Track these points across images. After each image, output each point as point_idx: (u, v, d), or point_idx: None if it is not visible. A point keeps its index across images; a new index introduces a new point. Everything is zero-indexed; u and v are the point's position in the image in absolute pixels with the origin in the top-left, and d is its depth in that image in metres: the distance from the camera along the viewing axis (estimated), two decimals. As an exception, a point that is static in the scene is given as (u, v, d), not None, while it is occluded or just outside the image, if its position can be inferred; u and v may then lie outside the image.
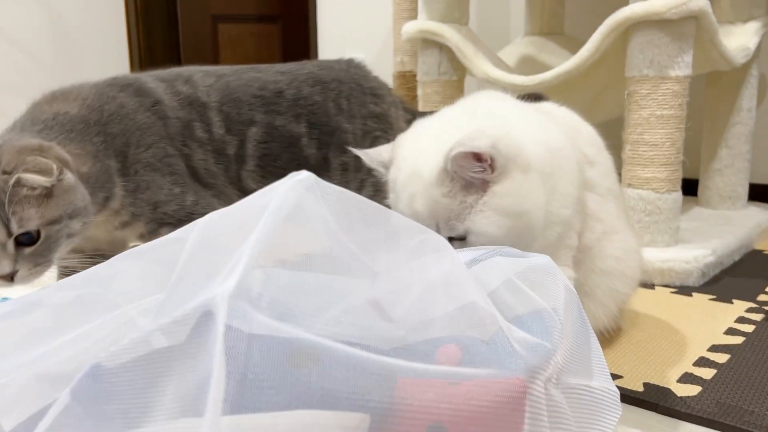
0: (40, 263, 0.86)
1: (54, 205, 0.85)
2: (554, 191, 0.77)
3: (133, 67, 3.32)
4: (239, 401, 0.41)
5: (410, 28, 1.76)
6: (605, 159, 0.93)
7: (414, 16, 1.86)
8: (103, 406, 0.43)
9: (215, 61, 3.55)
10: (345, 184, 1.28)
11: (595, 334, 0.61)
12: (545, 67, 1.65)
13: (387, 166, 0.84)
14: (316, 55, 3.10)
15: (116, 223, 1.05)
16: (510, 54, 2.01)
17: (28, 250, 0.84)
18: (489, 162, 0.72)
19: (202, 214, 1.10)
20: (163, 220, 1.07)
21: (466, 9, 1.76)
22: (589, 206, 0.86)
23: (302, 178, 0.48)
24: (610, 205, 0.91)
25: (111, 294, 0.54)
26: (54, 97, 1.04)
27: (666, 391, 0.84)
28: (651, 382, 0.87)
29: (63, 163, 0.88)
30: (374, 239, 0.50)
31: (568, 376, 0.53)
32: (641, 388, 0.85)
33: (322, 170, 1.26)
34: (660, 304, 1.19)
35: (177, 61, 3.43)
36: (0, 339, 0.56)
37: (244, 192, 1.21)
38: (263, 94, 1.23)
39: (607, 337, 0.95)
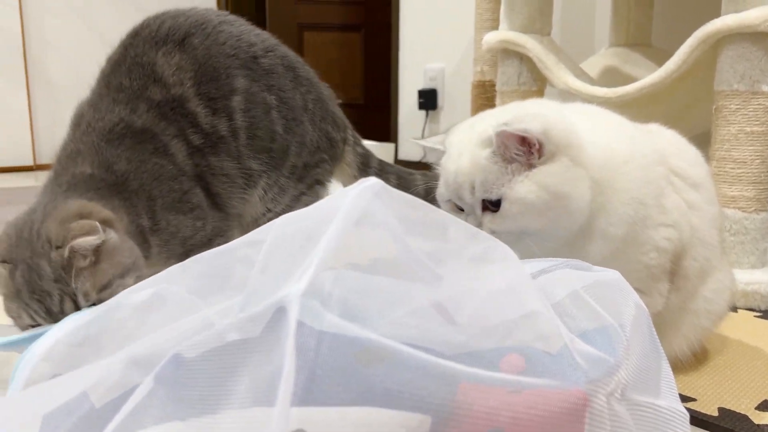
0: None
1: (102, 270, 0.85)
2: (602, 207, 0.76)
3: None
4: (308, 395, 0.43)
5: (491, 38, 1.76)
6: (710, 185, 0.90)
7: (496, 26, 1.86)
8: (183, 391, 0.46)
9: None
10: (280, 191, 1.16)
11: (665, 355, 0.60)
12: (630, 79, 1.61)
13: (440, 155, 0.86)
14: (396, 64, 3.14)
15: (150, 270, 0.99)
16: (594, 65, 1.98)
17: None
18: (537, 147, 0.72)
19: (221, 237, 1.10)
20: (191, 250, 1.05)
21: (548, 19, 1.74)
22: (693, 223, 0.83)
23: (371, 184, 0.50)
24: (714, 235, 0.88)
25: (188, 293, 0.57)
26: (60, 161, 1.00)
27: (742, 418, 0.81)
28: (727, 408, 0.84)
29: (106, 223, 0.87)
30: (439, 245, 0.52)
31: (633, 393, 0.52)
32: (716, 413, 0.82)
33: (278, 161, 1.13)
34: (742, 328, 1.14)
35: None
36: (92, 340, 0.60)
37: (249, 177, 1.12)
38: (237, 54, 1.09)
39: (683, 362, 0.92)
